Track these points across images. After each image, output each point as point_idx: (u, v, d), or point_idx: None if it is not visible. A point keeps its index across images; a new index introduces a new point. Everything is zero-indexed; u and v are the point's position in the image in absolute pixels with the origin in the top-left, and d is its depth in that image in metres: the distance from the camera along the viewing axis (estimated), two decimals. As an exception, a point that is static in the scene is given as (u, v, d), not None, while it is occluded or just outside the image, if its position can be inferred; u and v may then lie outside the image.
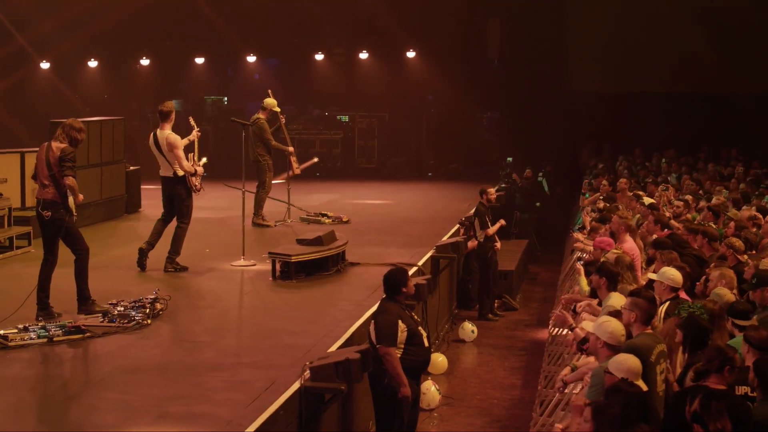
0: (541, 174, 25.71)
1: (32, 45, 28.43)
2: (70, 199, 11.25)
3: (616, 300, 9.30)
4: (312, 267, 13.77)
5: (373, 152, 30.03)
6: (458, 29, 30.68)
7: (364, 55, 29.65)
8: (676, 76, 31.28)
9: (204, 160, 14.47)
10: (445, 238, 16.74)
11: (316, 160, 21.12)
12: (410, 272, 11.98)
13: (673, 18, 31.04)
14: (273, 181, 18.55)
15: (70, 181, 11.11)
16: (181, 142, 14.15)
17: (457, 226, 18.10)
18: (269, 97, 18.65)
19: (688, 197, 17.50)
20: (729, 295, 9.28)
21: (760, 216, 15.01)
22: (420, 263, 14.50)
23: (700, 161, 26.07)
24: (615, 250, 11.38)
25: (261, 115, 18.41)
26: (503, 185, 23.83)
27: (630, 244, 12.47)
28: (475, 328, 16.37)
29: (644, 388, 7.10)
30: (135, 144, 21.89)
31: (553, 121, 30.83)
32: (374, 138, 30.00)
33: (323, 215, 18.95)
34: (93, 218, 18.11)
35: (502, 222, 17.93)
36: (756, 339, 7.41)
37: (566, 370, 9.64)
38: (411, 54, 29.62)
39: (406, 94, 30.67)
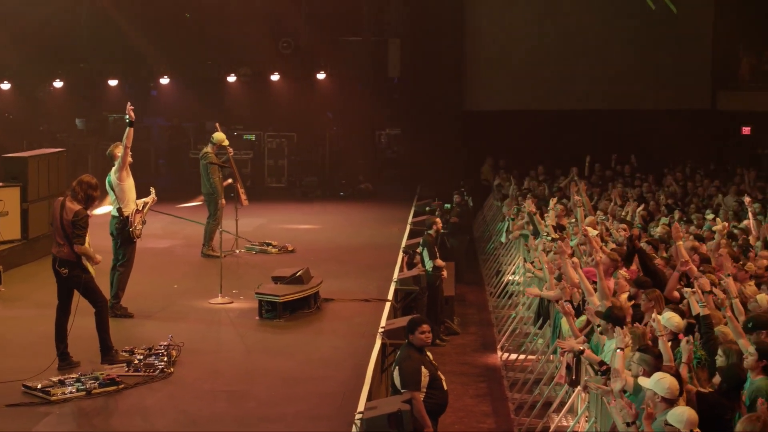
0: (457, 191, 26.38)
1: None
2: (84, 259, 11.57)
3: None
4: (295, 305, 14.30)
5: (283, 172, 30.42)
6: (362, 49, 31.40)
7: (275, 77, 30.03)
8: (567, 94, 32.75)
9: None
10: (396, 268, 17.43)
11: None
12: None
13: (570, 38, 32.50)
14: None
15: (79, 249, 11.43)
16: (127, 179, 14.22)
17: (402, 254, 18.72)
18: (216, 130, 19.03)
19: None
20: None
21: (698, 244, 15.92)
22: (389, 297, 15.17)
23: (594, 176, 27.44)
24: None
25: (209, 149, 18.77)
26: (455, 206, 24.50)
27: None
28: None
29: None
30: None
31: (453, 139, 31.93)
32: (284, 158, 30.39)
33: (268, 244, 19.43)
34: (45, 250, 18.18)
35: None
36: None
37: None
38: (321, 75, 30.12)
39: (313, 114, 31.21)
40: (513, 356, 16.95)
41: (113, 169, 14.26)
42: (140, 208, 14.19)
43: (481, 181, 31.33)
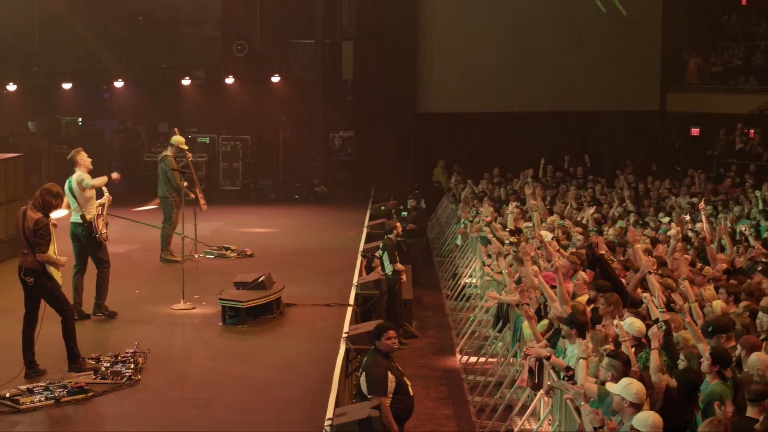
0: (413, 195, 26.55)
1: None
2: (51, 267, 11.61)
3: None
4: (258, 311, 14.38)
5: (237, 175, 30.43)
6: (316, 52, 31.52)
7: (230, 80, 30.04)
8: (519, 96, 33.08)
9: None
10: (356, 272, 17.55)
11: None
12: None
13: (522, 41, 32.83)
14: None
15: (42, 257, 11.46)
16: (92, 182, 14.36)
17: (360, 258, 18.84)
18: (175, 134, 19.05)
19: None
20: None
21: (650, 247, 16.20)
22: (350, 301, 15.30)
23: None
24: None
25: (168, 153, 18.79)
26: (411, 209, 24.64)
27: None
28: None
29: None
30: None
31: (406, 141, 32.17)
32: (238, 160, 30.39)
33: (227, 249, 19.49)
34: (5, 256, 18.16)
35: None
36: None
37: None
38: (275, 79, 30.17)
39: (268, 117, 31.27)
40: (472, 359, 17.13)
41: (75, 175, 14.29)
42: (101, 212, 14.26)
43: (433, 183, 31.53)
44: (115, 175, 15.10)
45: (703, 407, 9.17)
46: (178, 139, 18.82)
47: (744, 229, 17.61)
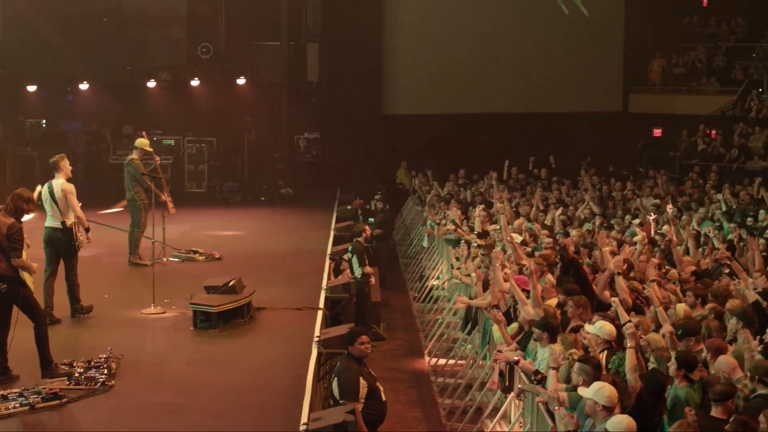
0: (378, 196, 26.64)
1: None
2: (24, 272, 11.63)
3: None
4: (229, 315, 14.43)
5: (203, 177, 30.42)
6: (281, 54, 31.57)
7: (195, 82, 30.03)
8: (483, 97, 33.29)
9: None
10: (325, 275, 17.64)
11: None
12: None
13: (486, 42, 33.04)
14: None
15: (16, 263, 11.47)
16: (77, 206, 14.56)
17: (329, 261, 18.92)
18: (143, 137, 19.07)
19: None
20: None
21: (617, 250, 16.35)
22: (320, 305, 15.38)
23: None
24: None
25: (135, 156, 18.80)
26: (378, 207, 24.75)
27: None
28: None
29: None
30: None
31: (372, 143, 32.29)
32: (204, 162, 30.39)
33: (195, 252, 19.52)
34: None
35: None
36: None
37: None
38: (241, 81, 30.20)
39: (233, 118, 31.30)
40: (441, 361, 17.21)
41: (58, 182, 14.49)
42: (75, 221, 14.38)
43: (397, 185, 31.65)
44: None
45: (670, 409, 9.35)
46: (142, 141, 18.86)
47: (708, 231, 17.81)
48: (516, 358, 11.47)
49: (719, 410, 8.75)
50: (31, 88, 28.95)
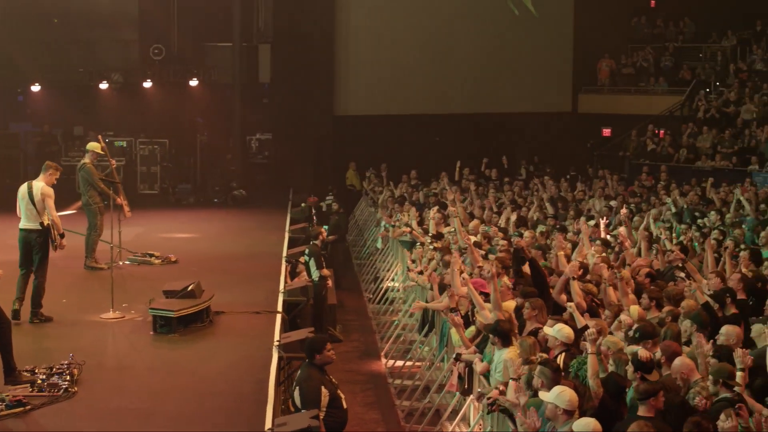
0: (330, 197, 26.79)
1: None
2: None
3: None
4: (188, 319, 14.49)
5: (155, 179, 30.36)
6: (233, 55, 31.58)
7: (147, 84, 29.98)
8: (434, 98, 33.51)
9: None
10: (281, 278, 17.72)
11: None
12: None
13: (436, 43, 33.26)
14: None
15: None
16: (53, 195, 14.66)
17: (285, 263, 18.99)
18: (96, 141, 19.06)
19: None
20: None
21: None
22: (279, 308, 15.47)
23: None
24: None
25: (87, 160, 18.82)
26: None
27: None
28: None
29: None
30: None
31: (323, 144, 32.43)
32: (156, 164, 30.33)
33: (151, 255, 19.52)
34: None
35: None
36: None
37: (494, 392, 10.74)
38: (194, 82, 30.20)
39: (186, 120, 31.28)
40: (398, 363, 17.37)
41: (39, 183, 14.68)
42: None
43: (347, 186, 31.80)
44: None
45: (629, 410, 9.56)
46: (93, 145, 18.91)
47: (660, 232, 18.04)
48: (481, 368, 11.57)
49: (644, 409, 8.97)
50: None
